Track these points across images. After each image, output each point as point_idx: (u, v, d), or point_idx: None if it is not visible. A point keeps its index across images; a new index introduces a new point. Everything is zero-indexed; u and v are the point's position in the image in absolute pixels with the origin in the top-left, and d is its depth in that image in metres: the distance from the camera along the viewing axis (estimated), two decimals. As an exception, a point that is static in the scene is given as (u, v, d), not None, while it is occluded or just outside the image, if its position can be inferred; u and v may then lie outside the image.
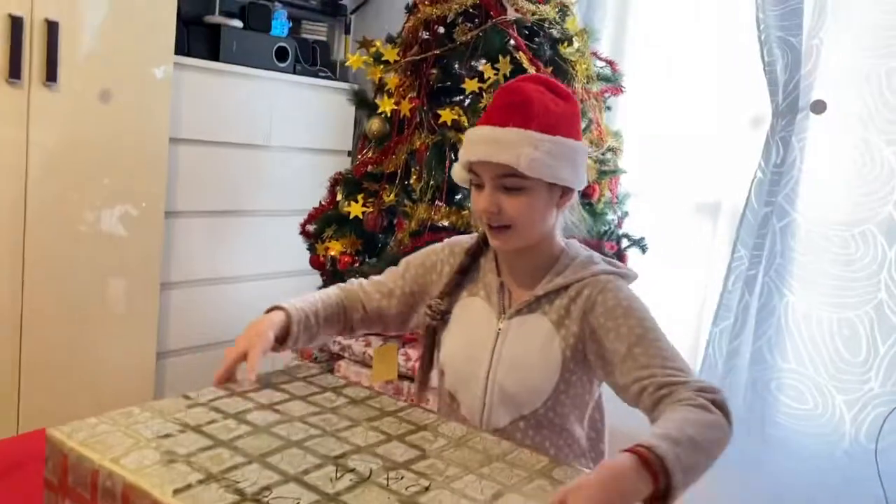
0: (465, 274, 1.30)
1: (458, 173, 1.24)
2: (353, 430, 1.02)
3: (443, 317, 1.29)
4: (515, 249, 1.22)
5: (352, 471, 0.89)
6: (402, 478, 0.89)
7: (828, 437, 2.15)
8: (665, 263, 2.45)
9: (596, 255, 1.27)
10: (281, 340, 1.24)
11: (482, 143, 1.15)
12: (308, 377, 1.23)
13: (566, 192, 1.19)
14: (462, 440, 1.03)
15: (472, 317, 1.28)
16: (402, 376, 2.11)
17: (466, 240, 1.35)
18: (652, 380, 1.06)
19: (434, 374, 1.36)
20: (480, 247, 1.31)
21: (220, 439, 0.95)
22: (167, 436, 0.95)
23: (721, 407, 1.01)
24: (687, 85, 2.53)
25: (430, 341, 1.32)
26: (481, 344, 1.24)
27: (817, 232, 2.15)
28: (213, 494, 0.81)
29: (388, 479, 0.88)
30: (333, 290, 1.37)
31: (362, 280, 1.40)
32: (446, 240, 1.39)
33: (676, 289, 2.50)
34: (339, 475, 0.88)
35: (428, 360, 1.34)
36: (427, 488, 0.87)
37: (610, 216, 2.32)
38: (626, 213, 2.43)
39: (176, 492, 0.81)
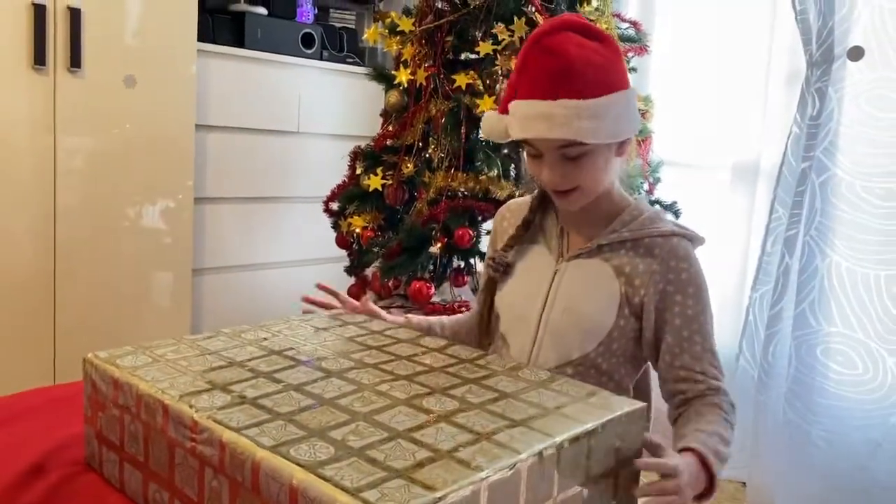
0: (527, 228, 1.29)
1: (491, 128, 1.22)
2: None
3: (505, 269, 1.28)
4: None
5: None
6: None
7: (880, 403, 2.02)
8: (703, 229, 2.35)
9: (663, 212, 1.26)
10: None
11: (535, 120, 1.10)
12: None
13: (624, 140, 1.16)
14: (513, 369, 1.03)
15: (530, 261, 1.27)
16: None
17: (527, 199, 1.34)
18: (693, 386, 1.16)
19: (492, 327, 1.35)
20: (543, 202, 1.29)
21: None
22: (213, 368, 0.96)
23: (733, 407, 1.18)
24: (718, 44, 2.45)
25: (490, 293, 1.30)
26: (537, 284, 1.23)
27: (859, 185, 2.03)
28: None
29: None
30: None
31: None
32: (501, 209, 1.38)
33: (715, 255, 2.40)
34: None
35: (487, 314, 1.32)
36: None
37: (641, 181, 2.25)
38: (658, 180, 2.35)
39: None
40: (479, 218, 2.07)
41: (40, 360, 2.23)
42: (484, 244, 1.99)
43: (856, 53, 2.02)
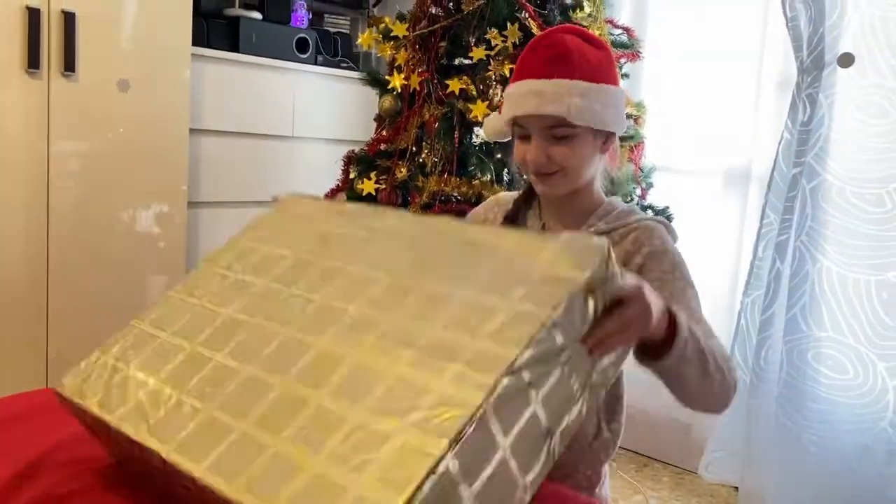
0: (512, 222, 1.31)
1: (492, 129, 1.26)
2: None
3: None
4: (561, 196, 1.22)
5: None
6: None
7: (870, 408, 2.03)
8: (695, 234, 2.37)
9: (637, 207, 1.28)
10: None
11: (529, 97, 1.15)
12: None
13: (609, 137, 1.19)
14: None
15: None
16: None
17: (513, 194, 1.36)
18: None
19: None
20: (527, 197, 1.32)
21: None
22: None
23: (734, 373, 1.07)
24: (710, 50, 2.47)
25: None
26: None
27: (849, 191, 2.04)
28: None
29: None
30: None
31: None
32: (493, 196, 1.40)
33: (707, 260, 2.42)
34: None
35: None
36: None
37: (633, 187, 2.26)
38: (650, 185, 2.36)
39: None
40: (473, 222, 2.08)
41: (33, 363, 2.23)
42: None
43: (846, 60, 2.04)
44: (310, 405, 0.74)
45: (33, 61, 2.10)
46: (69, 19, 2.14)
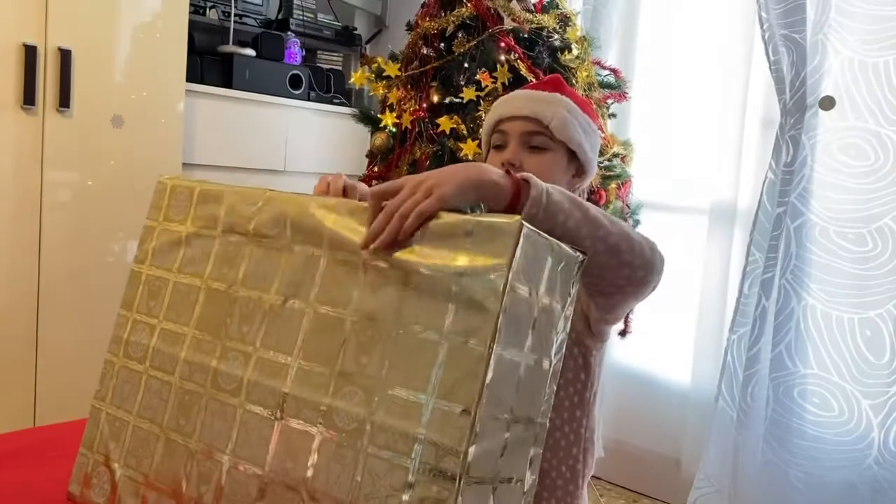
0: None
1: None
2: None
3: None
4: None
5: None
6: None
7: (855, 445, 2.05)
8: (682, 271, 2.40)
9: None
10: None
11: (520, 100, 1.20)
12: None
13: (579, 171, 1.21)
14: None
15: None
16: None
17: None
18: None
19: None
20: None
21: None
22: None
23: (648, 240, 0.99)
24: (696, 91, 2.53)
25: None
26: None
27: (832, 230, 2.08)
28: None
29: None
30: None
31: None
32: None
33: (694, 296, 2.45)
34: None
35: None
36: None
37: (620, 224, 2.29)
38: (637, 222, 2.39)
39: None
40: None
41: (22, 396, 2.22)
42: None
43: (828, 103, 2.09)
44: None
45: (29, 97, 2.12)
46: (65, 56, 2.17)
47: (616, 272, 0.96)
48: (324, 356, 0.80)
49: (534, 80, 2.10)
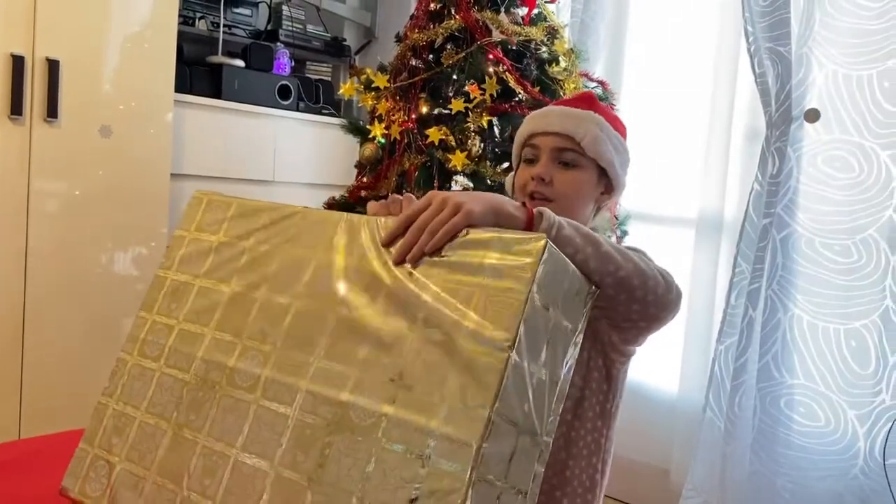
0: None
1: (509, 183, 1.29)
2: None
3: None
4: None
5: None
6: None
7: (841, 454, 2.06)
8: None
9: None
10: None
11: (552, 116, 1.21)
12: None
13: (608, 188, 1.22)
14: None
15: None
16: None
17: None
18: None
19: None
20: None
21: None
22: None
23: (665, 276, 1.01)
24: (684, 103, 2.55)
25: None
26: None
27: (818, 241, 2.10)
28: None
29: None
30: None
31: None
32: None
33: (683, 307, 2.45)
34: None
35: None
36: None
37: (609, 235, 2.30)
38: (625, 233, 2.40)
39: None
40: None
41: (7, 405, 2.20)
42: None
43: (813, 115, 2.11)
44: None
45: (16, 107, 2.11)
46: (53, 66, 2.17)
47: (627, 307, 0.99)
48: (345, 355, 0.82)
49: (522, 91, 2.11)
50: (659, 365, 2.57)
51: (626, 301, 0.98)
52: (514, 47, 2.16)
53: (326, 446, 0.78)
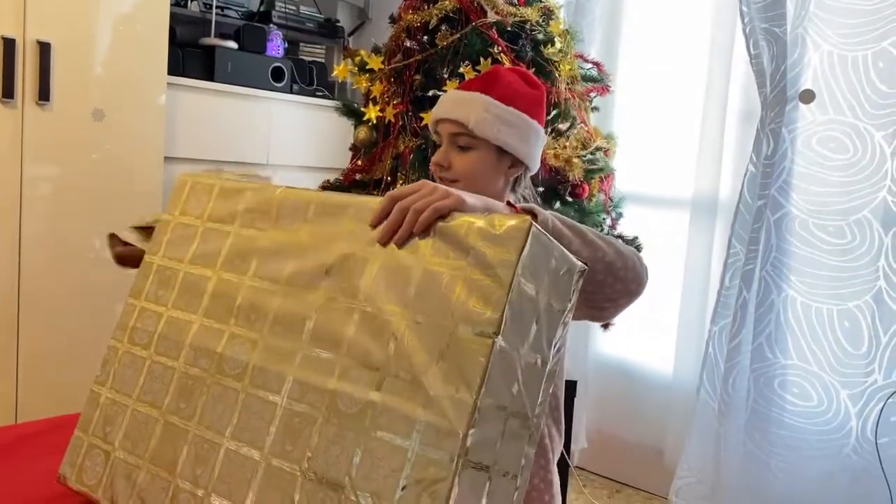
0: None
1: None
2: None
3: None
4: None
5: None
6: None
7: (834, 434, 2.08)
8: (664, 264, 2.42)
9: None
10: None
11: (446, 103, 1.25)
12: None
13: (516, 162, 1.24)
14: None
15: None
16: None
17: None
18: None
19: None
20: None
21: None
22: None
23: (634, 253, 1.05)
24: (679, 84, 2.54)
25: None
26: None
27: (812, 223, 2.10)
28: None
29: None
30: None
31: None
32: None
33: (676, 289, 2.46)
34: None
35: None
36: None
37: (604, 217, 2.30)
38: (620, 215, 2.40)
39: None
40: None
41: (3, 389, 2.20)
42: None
43: (807, 96, 2.11)
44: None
45: (7, 91, 2.10)
46: (44, 49, 2.15)
47: (612, 287, 1.02)
48: (331, 342, 0.82)
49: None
50: (653, 346, 2.59)
51: (612, 282, 1.01)
52: (509, 28, 2.15)
53: (315, 435, 0.79)
